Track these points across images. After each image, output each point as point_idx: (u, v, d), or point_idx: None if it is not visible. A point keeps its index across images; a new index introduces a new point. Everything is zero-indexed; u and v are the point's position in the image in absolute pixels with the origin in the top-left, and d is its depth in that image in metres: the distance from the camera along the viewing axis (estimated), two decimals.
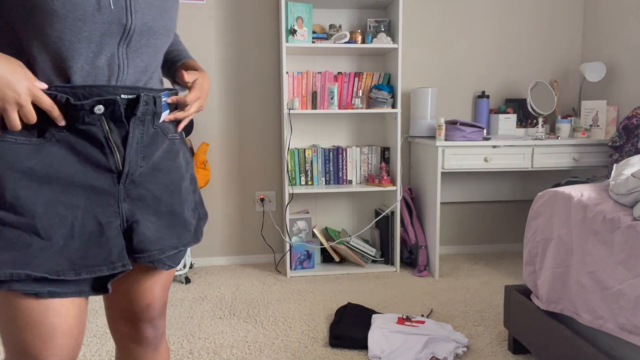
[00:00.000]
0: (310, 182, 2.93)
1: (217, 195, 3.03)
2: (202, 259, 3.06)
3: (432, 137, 2.82)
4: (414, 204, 2.98)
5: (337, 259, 2.94)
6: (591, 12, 3.13)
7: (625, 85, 2.86)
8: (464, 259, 3.14)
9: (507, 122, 2.97)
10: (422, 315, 2.21)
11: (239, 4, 2.91)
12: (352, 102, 2.89)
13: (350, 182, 2.97)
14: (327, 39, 2.82)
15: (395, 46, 2.73)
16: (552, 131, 3.15)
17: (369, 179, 2.94)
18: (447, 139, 2.66)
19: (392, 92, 2.84)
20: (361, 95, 2.91)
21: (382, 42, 2.75)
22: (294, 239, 2.90)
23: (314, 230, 2.89)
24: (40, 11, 0.70)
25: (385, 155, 2.98)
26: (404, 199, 2.94)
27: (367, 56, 3.03)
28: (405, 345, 1.87)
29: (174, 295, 2.54)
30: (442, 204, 3.22)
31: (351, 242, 2.88)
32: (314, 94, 2.88)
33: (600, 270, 1.42)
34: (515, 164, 2.68)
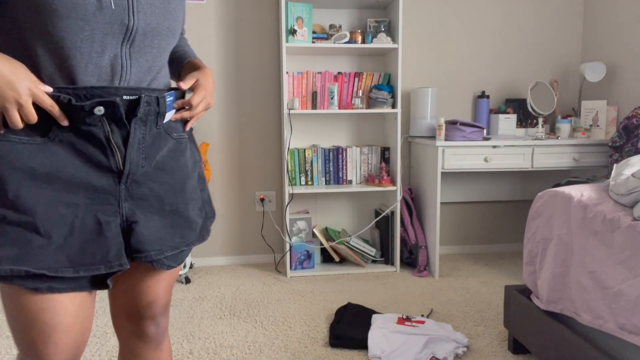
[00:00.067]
0: (310, 182, 2.93)
1: (217, 195, 3.03)
2: (202, 259, 3.06)
3: (432, 137, 2.82)
4: (414, 204, 2.98)
5: (337, 259, 2.94)
6: (591, 12, 3.13)
7: (625, 85, 2.86)
8: (464, 259, 3.14)
9: (507, 122, 2.97)
10: (422, 315, 2.21)
11: (239, 4, 2.91)
12: (352, 102, 2.89)
13: (350, 182, 2.97)
14: (327, 39, 2.82)
15: (395, 46, 2.73)
16: (552, 131, 3.16)
17: (369, 179, 2.94)
18: (447, 139, 2.66)
19: (392, 92, 2.84)
20: (361, 95, 2.91)
21: (382, 42, 2.75)
22: (294, 239, 2.90)
23: (314, 230, 2.89)
24: (42, 11, 0.71)
25: (385, 155, 2.98)
26: (404, 199, 2.94)
27: (367, 56, 3.03)
28: (405, 345, 1.87)
29: (174, 295, 2.54)
30: (442, 204, 3.22)
31: (351, 242, 2.88)
32: (314, 94, 2.88)
33: (600, 270, 1.42)
34: (515, 164, 2.69)
